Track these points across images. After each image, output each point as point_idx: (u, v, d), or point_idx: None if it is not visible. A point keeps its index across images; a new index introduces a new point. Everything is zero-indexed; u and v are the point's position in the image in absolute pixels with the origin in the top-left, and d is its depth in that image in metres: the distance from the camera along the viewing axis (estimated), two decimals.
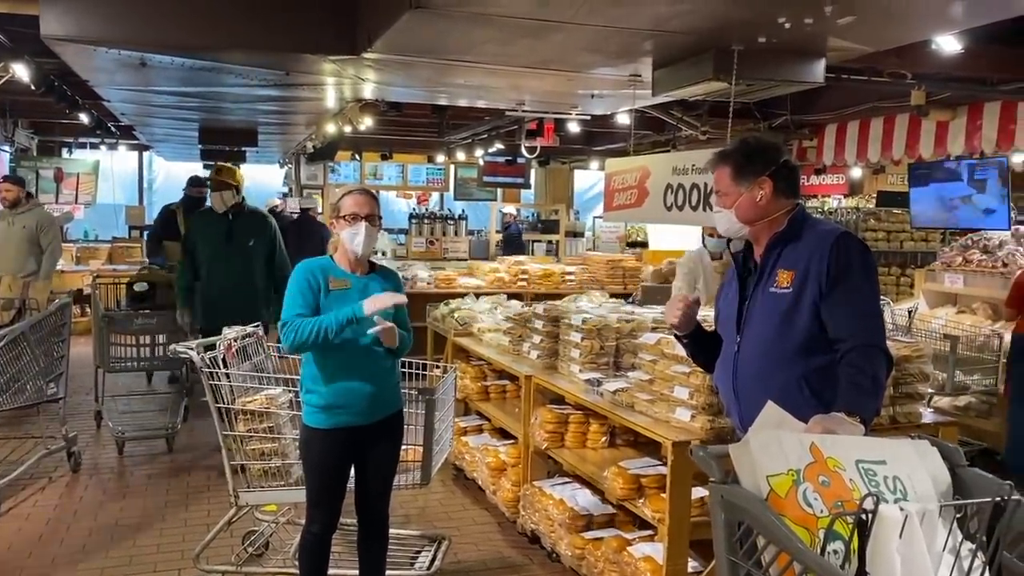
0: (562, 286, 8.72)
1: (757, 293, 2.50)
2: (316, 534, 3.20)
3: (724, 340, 2.64)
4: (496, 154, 11.71)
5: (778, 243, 2.50)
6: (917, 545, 1.75)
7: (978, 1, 3.33)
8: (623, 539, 3.71)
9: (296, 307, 3.06)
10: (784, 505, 1.81)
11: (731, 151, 2.58)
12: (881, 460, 1.93)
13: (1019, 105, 6.56)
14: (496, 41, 3.99)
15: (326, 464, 3.14)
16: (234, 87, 6.08)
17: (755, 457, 1.88)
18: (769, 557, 1.80)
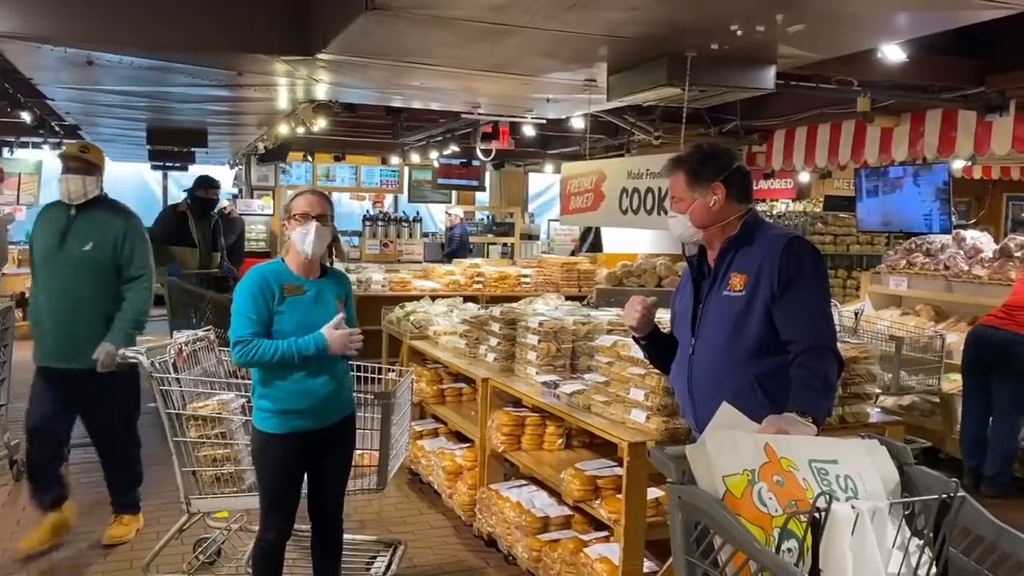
0: (518, 289, 8.73)
1: (711, 296, 2.54)
2: (271, 541, 3.16)
3: (679, 342, 2.68)
4: (451, 156, 11.69)
5: (731, 247, 2.54)
6: (868, 542, 1.79)
7: (921, 12, 3.43)
8: (579, 540, 3.73)
9: (248, 324, 3.01)
10: (740, 505, 1.84)
11: (685, 157, 2.61)
12: (833, 459, 1.97)
13: (959, 113, 6.75)
14: (452, 44, 3.99)
15: (280, 470, 3.10)
16: (184, 87, 5.97)
17: (711, 458, 1.90)
18: (725, 557, 1.83)
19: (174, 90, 6.28)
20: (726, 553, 1.83)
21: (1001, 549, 1.79)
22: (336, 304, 3.19)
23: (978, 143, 6.76)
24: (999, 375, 5.42)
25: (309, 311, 3.09)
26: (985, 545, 1.83)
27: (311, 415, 3.09)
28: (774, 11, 3.23)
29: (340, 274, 3.35)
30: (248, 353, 2.98)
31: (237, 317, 3.04)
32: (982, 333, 5.50)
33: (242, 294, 3.06)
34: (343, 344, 3.04)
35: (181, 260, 7.28)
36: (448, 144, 10.29)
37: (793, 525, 1.78)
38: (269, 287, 3.05)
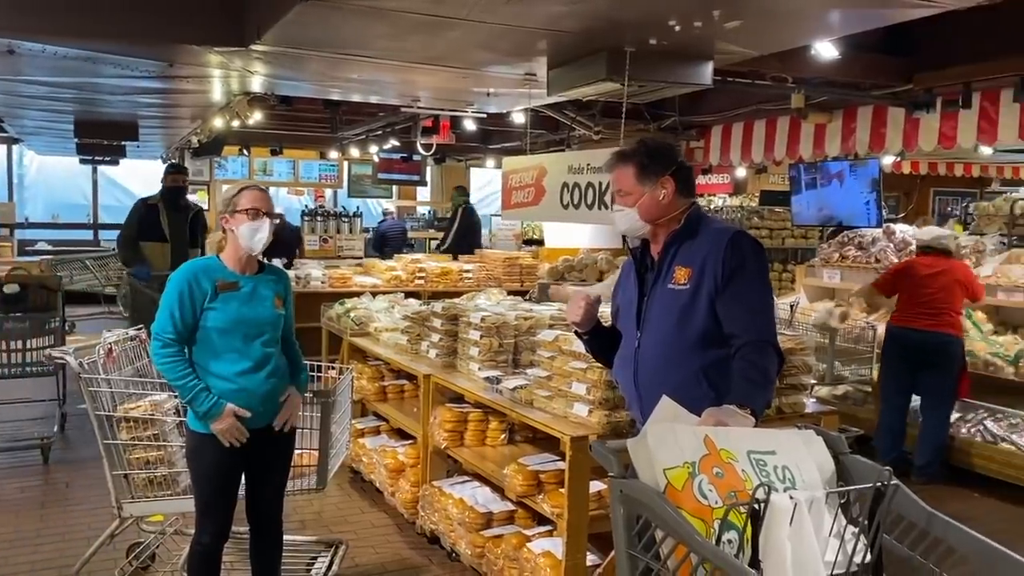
0: (460, 284, 8.69)
1: (656, 289, 2.54)
2: (207, 544, 3.08)
3: (623, 335, 2.67)
4: (391, 151, 11.58)
5: (675, 241, 2.55)
6: (806, 532, 1.81)
7: (853, 10, 3.50)
8: (523, 535, 3.73)
9: (169, 324, 2.94)
10: (681, 497, 1.85)
11: (634, 151, 2.60)
12: (771, 450, 2.00)
13: (889, 110, 6.94)
14: (389, 36, 3.94)
15: (216, 471, 3.03)
16: (113, 78, 5.77)
17: (652, 451, 1.92)
18: (667, 549, 1.84)
19: (102, 81, 6.07)
20: (668, 546, 1.84)
21: (932, 535, 1.83)
22: (275, 300, 3.12)
23: (907, 139, 6.96)
24: (930, 373, 5.56)
25: (243, 307, 3.02)
26: (917, 531, 1.87)
27: (246, 417, 3.01)
28: (711, 7, 3.27)
29: (278, 270, 3.28)
30: (162, 359, 2.95)
31: (162, 312, 2.98)
32: (913, 337, 5.59)
33: (171, 290, 2.98)
34: (231, 434, 2.96)
35: (150, 258, 6.69)
36: (388, 138, 10.18)
37: (733, 517, 1.79)
38: (200, 284, 2.98)
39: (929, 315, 5.54)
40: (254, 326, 3.03)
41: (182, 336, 2.95)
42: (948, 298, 5.57)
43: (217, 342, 2.99)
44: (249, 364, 3.02)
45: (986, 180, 13.33)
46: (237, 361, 3.00)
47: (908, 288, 5.74)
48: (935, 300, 5.56)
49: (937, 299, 5.56)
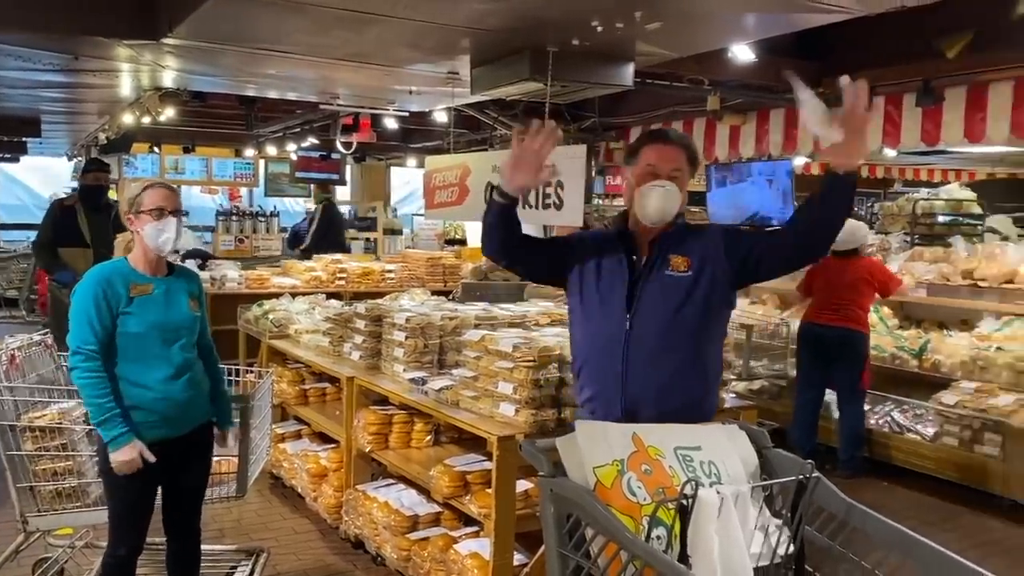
0: (382, 284, 8.57)
1: (650, 276, 2.52)
2: (121, 557, 2.96)
3: (599, 317, 2.58)
4: (310, 149, 11.36)
5: (670, 234, 2.55)
6: (732, 525, 1.85)
7: (766, 15, 3.60)
8: (449, 537, 3.71)
9: (89, 334, 2.82)
10: (610, 495, 1.87)
11: (687, 138, 2.66)
12: (697, 446, 2.04)
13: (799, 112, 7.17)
14: (309, 31, 3.85)
15: (131, 482, 2.89)
16: (13, 71, 5.47)
17: (582, 449, 1.93)
18: (597, 547, 1.85)
19: (1, 74, 5.75)
20: (598, 544, 1.85)
21: (851, 525, 1.89)
22: (189, 302, 3.02)
23: (817, 141, 7.19)
24: (839, 367, 5.76)
25: (161, 312, 2.93)
26: (837, 522, 1.92)
27: (166, 423, 2.93)
28: (633, 8, 3.31)
29: (189, 271, 3.20)
30: (83, 374, 2.81)
31: (77, 324, 2.84)
32: (817, 332, 5.81)
33: (83, 298, 2.85)
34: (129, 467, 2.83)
35: (72, 264, 6.01)
36: (306, 136, 9.99)
37: (662, 513, 1.82)
38: (113, 289, 2.87)
39: (835, 311, 5.74)
40: (171, 330, 2.94)
41: (103, 346, 2.84)
42: (854, 295, 5.76)
43: (135, 349, 2.88)
44: (170, 370, 2.93)
45: (889, 181, 13.92)
46: (158, 368, 2.90)
47: (819, 286, 5.94)
48: (841, 297, 5.76)
49: (843, 296, 5.76)
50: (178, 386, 2.93)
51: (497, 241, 2.64)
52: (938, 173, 13.06)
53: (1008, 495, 5.16)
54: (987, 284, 5.98)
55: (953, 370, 5.86)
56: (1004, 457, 5.16)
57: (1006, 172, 13.40)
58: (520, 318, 4.41)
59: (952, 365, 5.88)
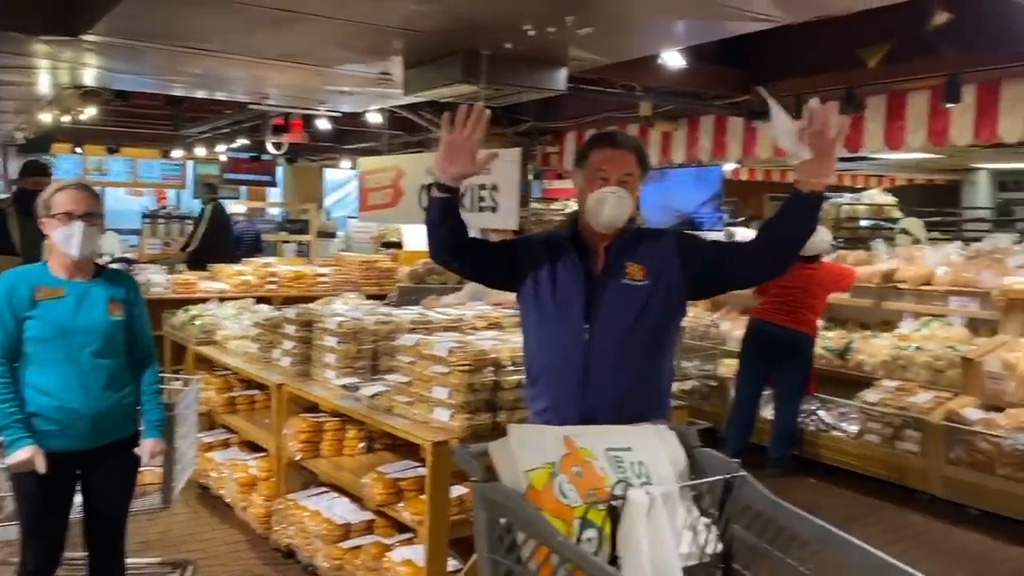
0: (314, 288, 8.42)
1: (607, 284, 2.48)
2: (31, 572, 2.85)
3: (555, 325, 2.53)
4: (240, 150, 11.13)
5: (625, 240, 2.51)
6: (661, 526, 1.85)
7: (695, 22, 3.66)
8: (382, 545, 3.66)
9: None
10: (542, 498, 1.86)
11: (635, 140, 2.59)
12: (627, 447, 2.03)
13: (729, 119, 7.33)
14: (235, 30, 3.76)
15: (39, 492, 2.79)
16: None
17: (514, 453, 1.91)
18: (528, 551, 1.84)
19: None
20: (529, 548, 1.84)
21: (777, 523, 1.91)
22: (108, 306, 2.90)
23: (746, 147, 7.38)
24: (784, 367, 5.84)
25: (67, 315, 2.82)
26: (763, 520, 1.94)
27: (69, 434, 2.82)
28: (564, 13, 3.33)
29: (119, 274, 3.08)
30: None
31: None
32: (768, 331, 5.84)
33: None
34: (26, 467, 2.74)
35: None
36: (236, 137, 9.78)
37: (592, 514, 1.82)
38: (17, 292, 2.78)
39: (788, 312, 5.79)
40: (80, 335, 2.82)
41: (8, 351, 2.75)
42: (806, 298, 5.82)
43: (38, 353, 2.79)
44: (74, 378, 2.81)
45: None
46: (61, 374, 2.79)
47: (775, 286, 5.96)
48: (793, 298, 5.80)
49: (795, 297, 5.80)
50: (83, 395, 2.81)
51: (443, 240, 2.51)
52: (861, 178, 13.50)
53: (927, 490, 5.34)
54: (906, 286, 6.18)
55: (875, 369, 6.05)
56: (923, 453, 5.35)
57: (924, 178, 13.95)
58: (456, 322, 4.37)
59: (874, 364, 6.07)
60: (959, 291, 5.92)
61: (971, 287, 5.85)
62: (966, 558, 4.69)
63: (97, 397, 2.84)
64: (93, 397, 2.83)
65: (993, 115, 5.70)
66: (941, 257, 6.19)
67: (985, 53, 5.26)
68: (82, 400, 2.81)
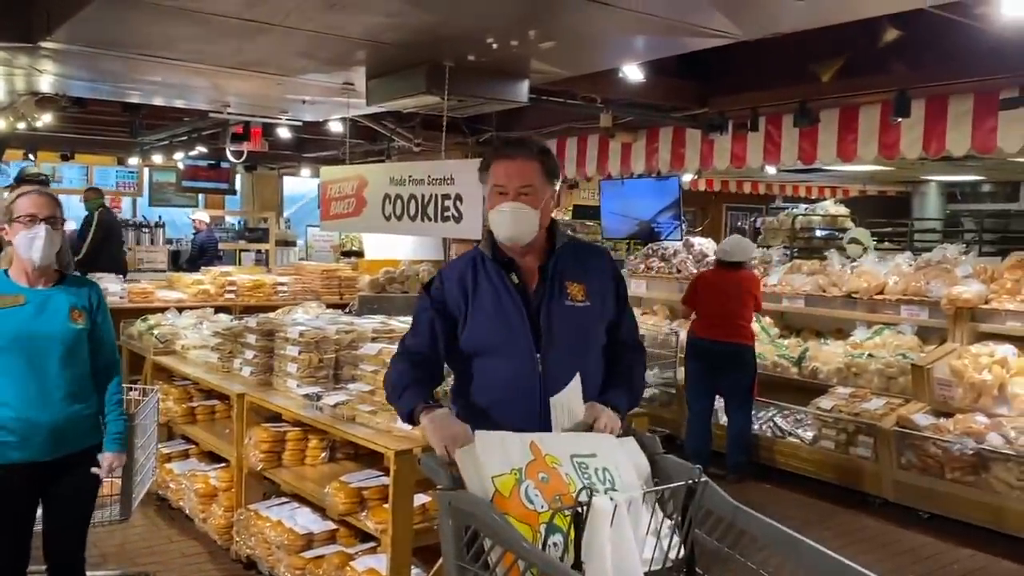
0: (274, 298, 8.37)
1: (550, 306, 2.35)
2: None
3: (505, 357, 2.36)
4: (198, 158, 11.00)
5: (561, 257, 2.40)
6: (625, 531, 1.90)
7: (654, 37, 3.74)
8: (345, 554, 3.65)
9: None
10: (508, 504, 1.88)
11: (539, 147, 2.40)
12: (592, 453, 2.07)
13: (687, 131, 7.45)
14: (197, 39, 3.75)
15: (2, 506, 2.76)
16: None
17: (480, 459, 1.94)
18: (495, 557, 1.85)
19: None
20: (496, 554, 1.85)
21: (738, 527, 1.97)
22: (70, 314, 2.86)
23: (703, 159, 7.50)
24: (729, 379, 5.92)
25: (26, 323, 2.77)
26: (725, 524, 1.99)
27: (28, 445, 2.77)
28: (526, 27, 3.38)
29: (84, 281, 3.03)
30: None
31: None
32: (706, 347, 5.93)
33: None
34: None
35: None
36: (194, 144, 9.67)
37: (558, 520, 1.85)
38: None
39: (721, 325, 5.89)
40: (39, 342, 2.78)
41: None
42: (739, 308, 5.94)
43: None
44: (34, 388, 2.76)
45: (770, 197, 14.61)
46: (20, 384, 2.74)
47: (704, 300, 6.09)
48: (727, 311, 5.91)
49: (729, 310, 5.92)
50: (42, 405, 2.77)
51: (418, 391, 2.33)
52: (815, 190, 13.80)
53: (880, 494, 5.47)
54: (859, 296, 6.34)
55: (830, 376, 6.19)
56: (876, 458, 5.48)
57: (876, 189, 14.30)
58: None
59: (829, 372, 6.21)
60: (910, 300, 6.08)
61: (921, 296, 6.02)
62: (917, 560, 4.82)
63: (58, 408, 2.80)
64: (54, 408, 2.79)
65: (941, 129, 5.87)
66: (892, 267, 6.36)
67: (934, 69, 5.43)
68: (42, 411, 2.76)
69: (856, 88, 5.92)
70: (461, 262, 2.48)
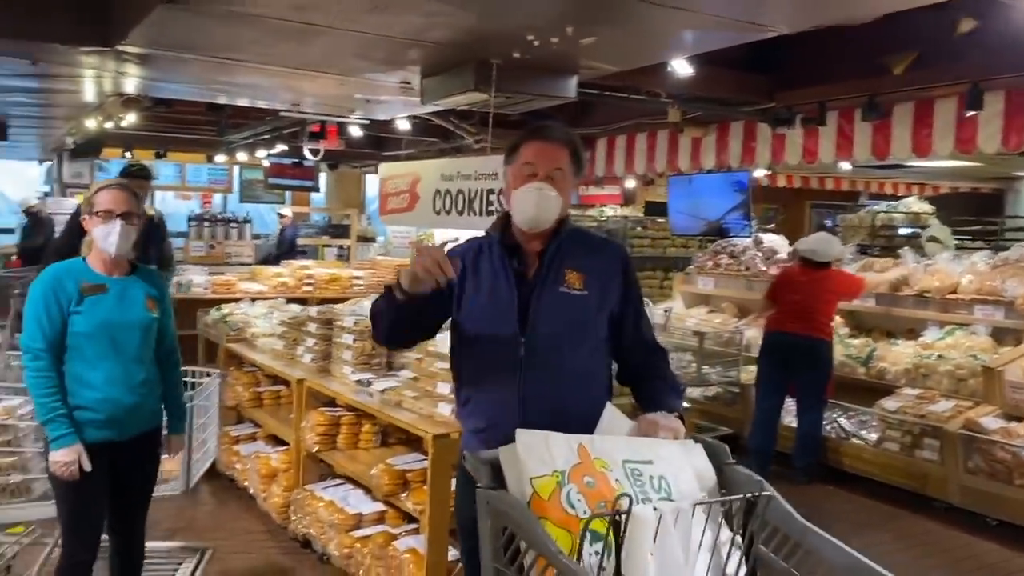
0: (350, 291, 8.65)
1: (542, 292, 2.32)
2: (84, 562, 2.96)
3: (487, 343, 2.36)
4: (281, 155, 11.42)
5: (558, 242, 2.37)
6: (671, 545, 1.77)
7: (700, 31, 3.74)
8: (389, 534, 3.80)
9: (38, 334, 2.84)
10: (547, 508, 1.80)
11: (572, 136, 2.38)
12: (648, 460, 1.94)
13: (758, 125, 7.34)
14: (258, 41, 3.94)
15: (81, 487, 2.89)
16: None
17: (521, 460, 1.86)
18: (530, 561, 1.77)
19: None
20: (530, 558, 1.77)
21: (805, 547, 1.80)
22: (146, 303, 3.02)
23: (774, 153, 7.37)
24: (804, 375, 5.83)
25: (112, 311, 2.93)
26: (792, 543, 1.84)
27: (110, 425, 2.93)
28: (565, 23, 3.43)
29: (152, 272, 3.20)
30: (31, 373, 2.85)
31: (28, 323, 2.86)
32: (785, 341, 5.85)
33: (34, 298, 2.87)
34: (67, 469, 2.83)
35: None
36: (275, 143, 10.06)
37: (597, 527, 1.73)
38: (64, 288, 2.88)
39: (800, 319, 5.79)
40: (124, 330, 2.94)
41: (52, 345, 2.84)
42: (819, 304, 5.84)
43: (85, 348, 2.89)
44: (119, 371, 2.92)
45: (855, 194, 14.18)
46: (105, 368, 2.90)
47: (784, 295, 6.01)
48: (807, 306, 5.82)
49: (808, 305, 5.82)
50: (125, 388, 2.93)
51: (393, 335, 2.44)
52: (903, 187, 13.31)
53: (945, 498, 5.31)
54: (930, 295, 6.14)
55: (897, 377, 6.01)
56: (941, 461, 5.31)
57: (968, 186, 13.69)
58: None
59: (896, 372, 6.04)
60: (984, 300, 5.86)
61: (996, 296, 5.79)
62: (981, 566, 4.67)
63: (136, 390, 2.96)
64: (133, 391, 2.95)
65: (1021, 123, 5.63)
66: (967, 266, 6.13)
67: (1012, 59, 5.21)
68: (125, 393, 2.93)
69: (929, 81, 5.74)
70: (469, 244, 2.47)
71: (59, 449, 2.81)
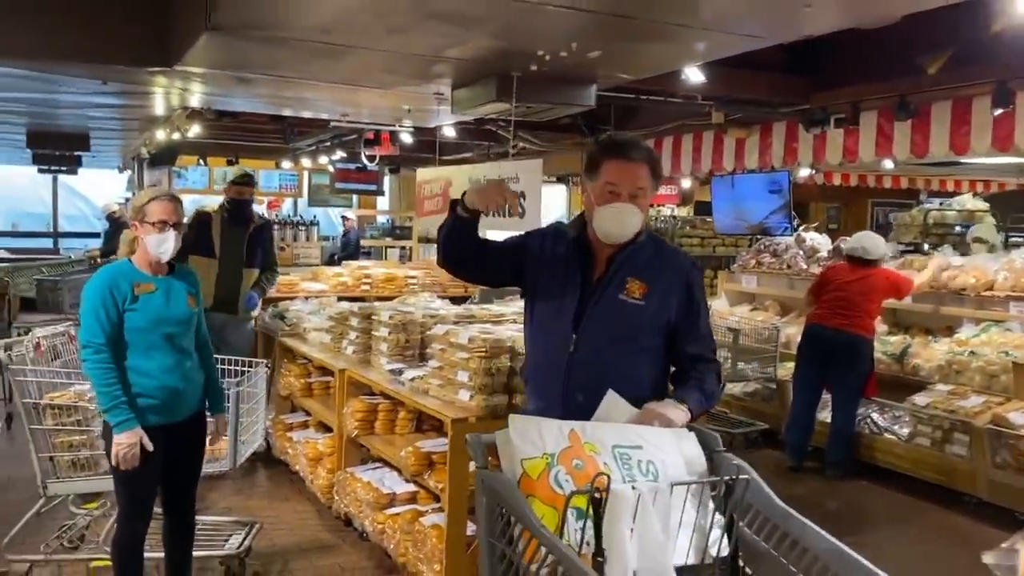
0: (405, 290, 8.93)
1: (602, 296, 2.45)
2: (139, 533, 3.30)
3: (544, 331, 2.55)
4: (347, 161, 11.89)
5: (631, 252, 2.48)
6: (650, 522, 1.91)
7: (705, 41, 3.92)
8: (417, 511, 4.11)
9: (97, 329, 3.13)
10: (535, 487, 1.96)
11: (651, 151, 2.49)
12: (637, 445, 2.07)
13: (799, 126, 7.42)
14: (296, 60, 4.31)
15: (141, 470, 3.17)
16: (56, 93, 6.09)
17: (514, 443, 2.01)
18: (517, 534, 1.94)
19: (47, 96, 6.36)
20: (518, 532, 1.94)
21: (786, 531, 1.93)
22: (187, 299, 3.37)
23: (816, 153, 7.44)
24: (841, 371, 5.92)
25: (161, 307, 3.27)
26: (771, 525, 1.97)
27: (165, 409, 3.27)
28: (569, 40, 3.68)
29: (187, 271, 3.54)
30: (92, 364, 3.15)
31: (87, 319, 3.14)
32: (825, 335, 5.94)
33: (92, 297, 3.18)
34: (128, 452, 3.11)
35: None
36: (336, 149, 10.51)
37: (578, 502, 1.86)
38: (119, 288, 3.20)
39: (842, 315, 5.88)
40: (172, 324, 3.29)
41: (110, 339, 3.13)
42: (862, 301, 5.92)
43: (139, 341, 3.22)
44: (170, 361, 3.27)
45: (915, 191, 13.90)
46: (159, 358, 3.24)
47: (828, 290, 6.10)
48: (850, 302, 5.90)
49: (852, 301, 5.90)
50: (176, 375, 3.28)
51: (451, 251, 2.62)
52: (966, 184, 13.01)
53: (975, 493, 5.34)
54: (966, 292, 6.14)
55: (931, 373, 6.05)
56: (971, 457, 5.35)
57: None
58: (497, 317, 4.79)
59: (930, 369, 6.07)
60: (1020, 296, 5.85)
61: None
62: None
63: (185, 376, 3.33)
64: (181, 376, 3.31)
65: None
66: (1003, 263, 6.12)
67: None
68: (173, 379, 3.28)
69: (962, 79, 5.76)
70: (547, 230, 2.68)
71: (122, 433, 3.10)
